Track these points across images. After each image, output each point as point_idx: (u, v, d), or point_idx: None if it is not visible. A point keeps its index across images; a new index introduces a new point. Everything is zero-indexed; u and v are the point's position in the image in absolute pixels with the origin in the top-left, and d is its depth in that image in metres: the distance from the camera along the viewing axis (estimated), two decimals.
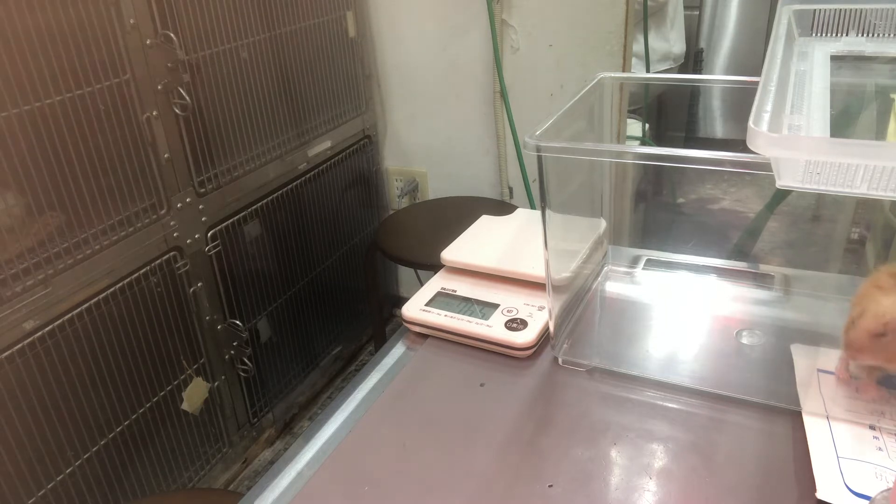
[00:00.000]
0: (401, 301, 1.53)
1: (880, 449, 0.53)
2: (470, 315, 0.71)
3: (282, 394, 1.67)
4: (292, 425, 1.71)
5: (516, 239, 0.82)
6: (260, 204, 1.48)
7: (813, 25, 0.73)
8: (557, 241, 0.64)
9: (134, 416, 1.24)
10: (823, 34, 0.73)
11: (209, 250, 1.35)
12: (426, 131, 1.84)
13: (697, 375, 0.64)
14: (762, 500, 0.50)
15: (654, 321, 0.74)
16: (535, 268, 0.75)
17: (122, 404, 1.21)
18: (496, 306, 0.72)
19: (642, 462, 0.55)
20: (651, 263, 0.84)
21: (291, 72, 1.52)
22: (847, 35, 0.71)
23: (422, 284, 0.79)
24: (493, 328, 0.69)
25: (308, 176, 1.62)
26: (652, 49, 2.21)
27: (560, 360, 0.68)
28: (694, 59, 2.87)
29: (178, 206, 1.26)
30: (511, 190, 1.78)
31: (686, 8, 2.54)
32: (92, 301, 1.12)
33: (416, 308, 0.74)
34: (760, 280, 0.78)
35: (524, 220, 0.88)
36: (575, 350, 0.69)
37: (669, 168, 0.54)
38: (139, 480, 1.27)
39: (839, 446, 0.53)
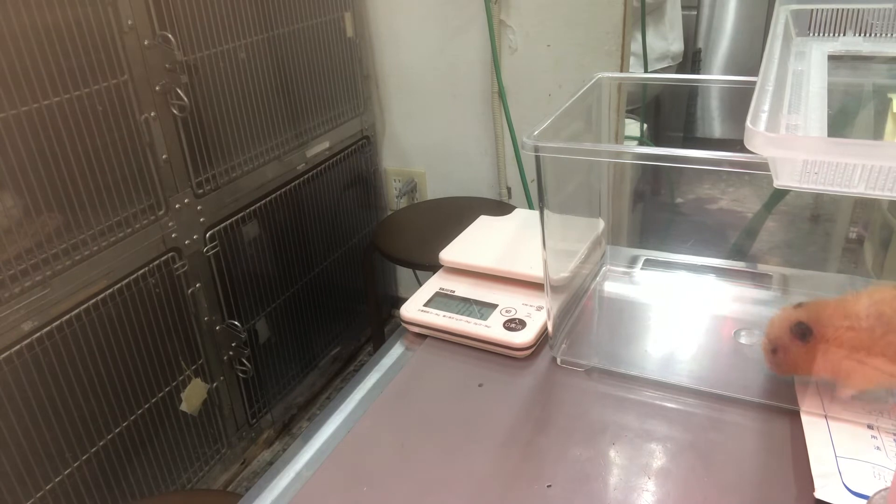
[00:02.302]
0: (399, 301, 1.53)
1: (878, 448, 0.53)
2: (468, 315, 0.71)
3: (280, 394, 1.67)
4: (291, 426, 1.71)
5: (515, 239, 0.82)
6: (258, 205, 1.48)
7: (810, 25, 0.73)
8: (556, 242, 0.64)
9: (132, 418, 1.23)
10: (821, 34, 0.73)
11: (207, 251, 1.35)
12: (424, 132, 1.84)
13: (696, 375, 0.64)
14: (760, 500, 0.51)
15: (653, 321, 0.74)
16: (533, 268, 0.75)
17: (121, 405, 1.21)
18: (494, 306, 0.72)
19: (641, 462, 0.55)
20: (649, 263, 0.84)
21: (290, 72, 1.52)
22: (844, 35, 0.72)
23: (420, 285, 0.79)
24: (491, 328, 0.69)
25: (306, 176, 1.62)
26: (650, 48, 2.21)
27: (558, 361, 0.68)
28: (692, 58, 2.88)
29: (177, 206, 1.26)
30: (509, 190, 1.78)
31: (684, 8, 2.54)
32: (90, 302, 1.12)
33: (414, 308, 0.74)
34: (759, 280, 0.78)
35: (522, 220, 0.88)
36: (573, 350, 0.69)
37: (668, 168, 0.54)
38: (138, 481, 1.27)
39: (837, 445, 0.53)
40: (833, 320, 0.54)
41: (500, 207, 1.61)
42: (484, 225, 0.87)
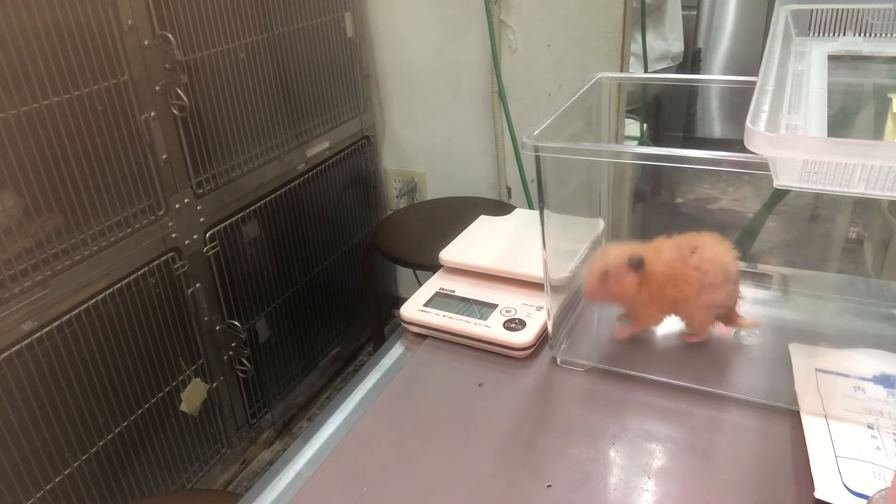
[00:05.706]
0: (399, 301, 1.53)
1: (878, 448, 0.53)
2: (468, 315, 0.71)
3: (280, 394, 1.67)
4: (291, 426, 1.71)
5: (515, 239, 0.82)
6: (258, 204, 1.48)
7: (810, 25, 0.73)
8: (556, 241, 0.64)
9: (132, 418, 1.23)
10: (821, 34, 0.73)
11: (207, 251, 1.35)
12: (425, 132, 1.84)
13: (696, 375, 0.64)
14: (760, 500, 0.51)
15: None
16: (533, 268, 0.75)
17: (121, 405, 1.21)
18: (494, 306, 0.72)
19: (641, 462, 0.55)
20: None
21: (289, 72, 1.52)
22: (844, 35, 0.72)
23: (420, 285, 0.79)
24: (491, 328, 0.69)
25: (306, 176, 1.62)
26: (650, 48, 2.21)
27: (558, 360, 0.68)
28: (692, 58, 2.87)
29: (177, 206, 1.26)
30: (509, 190, 1.78)
31: (684, 8, 2.54)
32: (90, 302, 1.12)
33: (414, 308, 0.74)
34: (759, 280, 0.78)
35: (522, 220, 0.88)
36: (573, 350, 0.69)
37: (668, 168, 0.54)
38: (138, 481, 1.27)
39: (837, 445, 0.53)
40: (660, 254, 0.64)
41: (500, 207, 1.61)
42: (484, 225, 0.87)
